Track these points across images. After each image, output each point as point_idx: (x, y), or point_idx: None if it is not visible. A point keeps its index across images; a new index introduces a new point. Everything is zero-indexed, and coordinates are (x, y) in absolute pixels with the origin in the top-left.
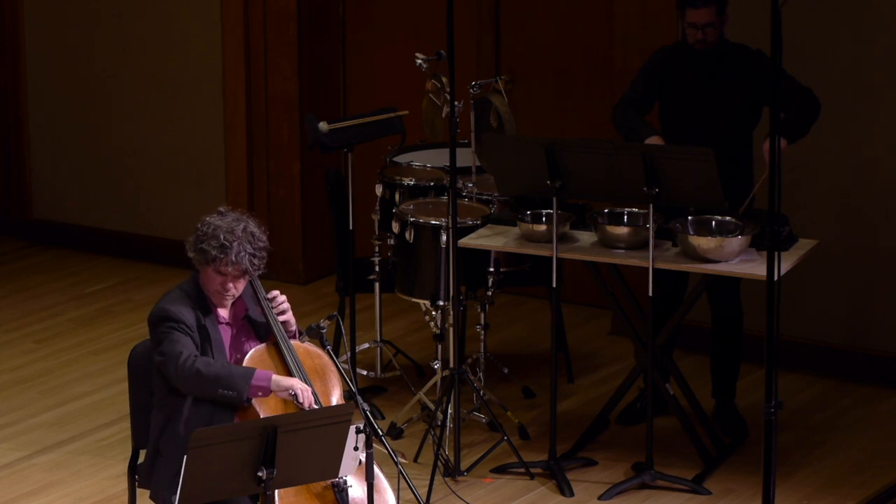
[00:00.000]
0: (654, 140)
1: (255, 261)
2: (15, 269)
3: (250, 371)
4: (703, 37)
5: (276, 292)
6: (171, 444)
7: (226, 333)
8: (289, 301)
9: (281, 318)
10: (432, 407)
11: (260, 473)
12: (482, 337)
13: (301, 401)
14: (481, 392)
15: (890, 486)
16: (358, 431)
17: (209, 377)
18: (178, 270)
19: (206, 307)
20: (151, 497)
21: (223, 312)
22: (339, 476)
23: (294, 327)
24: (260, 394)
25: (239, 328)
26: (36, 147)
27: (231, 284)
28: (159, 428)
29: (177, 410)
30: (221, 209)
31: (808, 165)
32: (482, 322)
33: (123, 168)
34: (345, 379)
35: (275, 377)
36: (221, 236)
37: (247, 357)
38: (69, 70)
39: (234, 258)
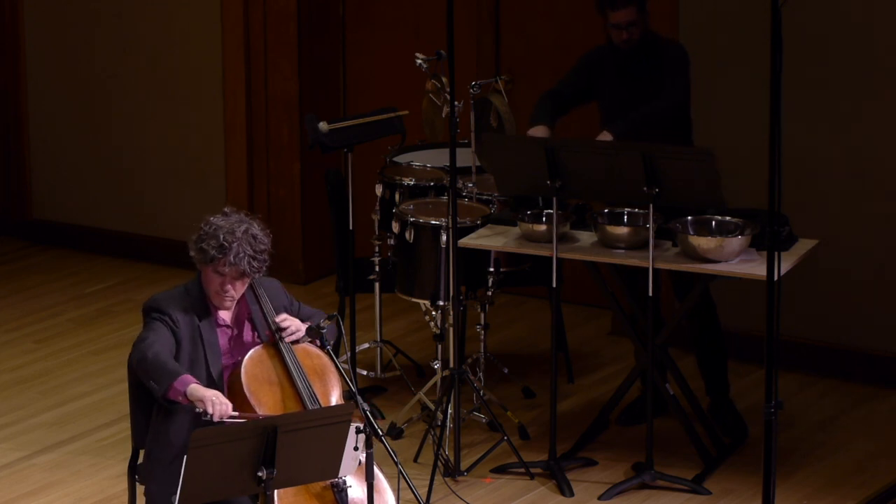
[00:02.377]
0: (536, 131)
1: (255, 263)
2: (15, 269)
3: (178, 373)
4: (628, 36)
5: (284, 318)
6: (157, 444)
7: (224, 336)
8: None
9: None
10: (432, 407)
11: (260, 473)
12: (482, 337)
13: (211, 413)
14: (481, 392)
15: (890, 486)
16: (358, 431)
17: (148, 365)
18: (178, 270)
19: (206, 308)
20: (145, 494)
21: (224, 315)
22: (339, 476)
23: (304, 341)
24: (180, 398)
25: (241, 329)
26: (36, 147)
27: (230, 286)
28: (152, 432)
29: (164, 411)
30: (227, 210)
31: (808, 165)
32: (482, 322)
33: (123, 168)
34: (345, 379)
35: (193, 386)
36: (221, 236)
37: (246, 357)
38: (69, 70)
39: (232, 259)
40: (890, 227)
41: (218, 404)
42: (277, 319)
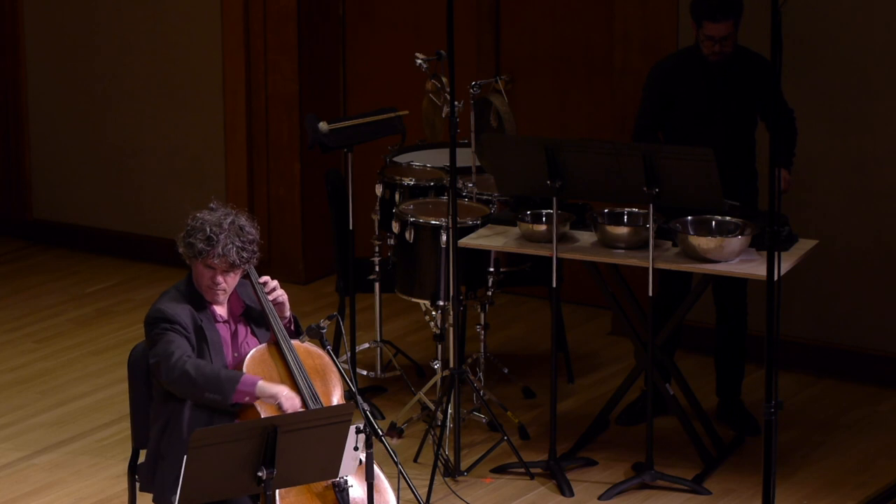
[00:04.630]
0: None
1: (244, 254)
2: (15, 269)
3: (238, 375)
4: (721, 49)
5: (266, 278)
6: (171, 448)
7: (224, 332)
8: (289, 301)
9: (273, 297)
10: (432, 407)
11: (260, 473)
12: (482, 337)
13: (285, 409)
14: (481, 392)
15: (890, 486)
16: (358, 431)
17: (197, 379)
18: (178, 270)
19: (202, 306)
20: (155, 501)
21: (220, 310)
22: (339, 476)
23: (288, 313)
24: (246, 399)
25: (237, 326)
26: (36, 147)
27: (221, 278)
28: (159, 431)
29: (177, 413)
30: (212, 205)
31: (808, 165)
32: (482, 322)
33: (123, 168)
34: (345, 379)
35: (261, 383)
36: (208, 229)
37: (248, 357)
38: (69, 70)
39: (220, 251)
40: (890, 227)
41: (290, 398)
42: (261, 280)
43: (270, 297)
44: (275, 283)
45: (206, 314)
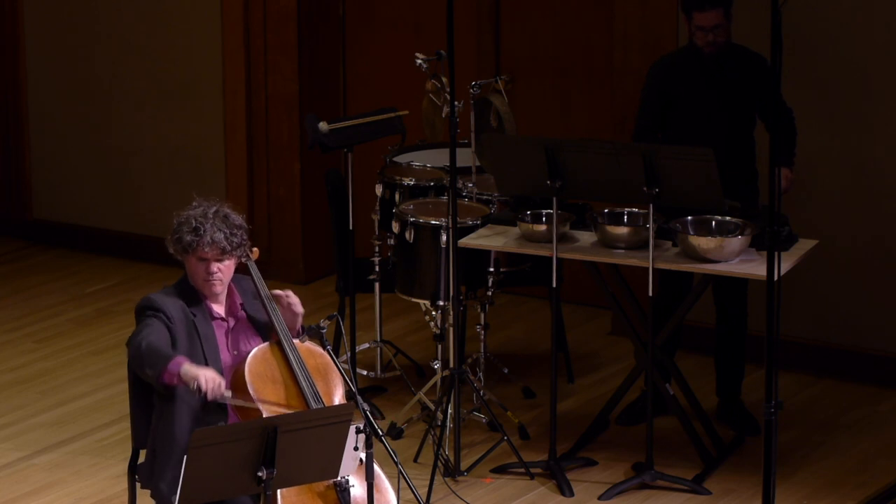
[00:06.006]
0: None
1: (234, 239)
2: (15, 269)
3: (171, 356)
4: (713, 39)
5: (289, 293)
6: (162, 443)
7: (220, 329)
8: None
9: (289, 304)
10: (432, 407)
11: (260, 473)
12: (482, 337)
13: (204, 390)
14: (481, 392)
15: (890, 486)
16: (358, 431)
17: (144, 352)
18: (178, 270)
19: (198, 303)
20: (152, 496)
21: (217, 308)
22: (339, 476)
23: (298, 326)
24: (175, 380)
25: (237, 322)
26: (36, 147)
27: (215, 266)
28: (154, 428)
29: (167, 409)
30: (195, 203)
31: (808, 165)
32: (482, 322)
33: (123, 168)
34: (345, 379)
35: (185, 366)
36: (193, 222)
37: (250, 355)
38: (69, 70)
39: (210, 238)
40: (890, 227)
41: (211, 381)
42: (281, 292)
43: (289, 305)
44: (296, 299)
45: (200, 310)
